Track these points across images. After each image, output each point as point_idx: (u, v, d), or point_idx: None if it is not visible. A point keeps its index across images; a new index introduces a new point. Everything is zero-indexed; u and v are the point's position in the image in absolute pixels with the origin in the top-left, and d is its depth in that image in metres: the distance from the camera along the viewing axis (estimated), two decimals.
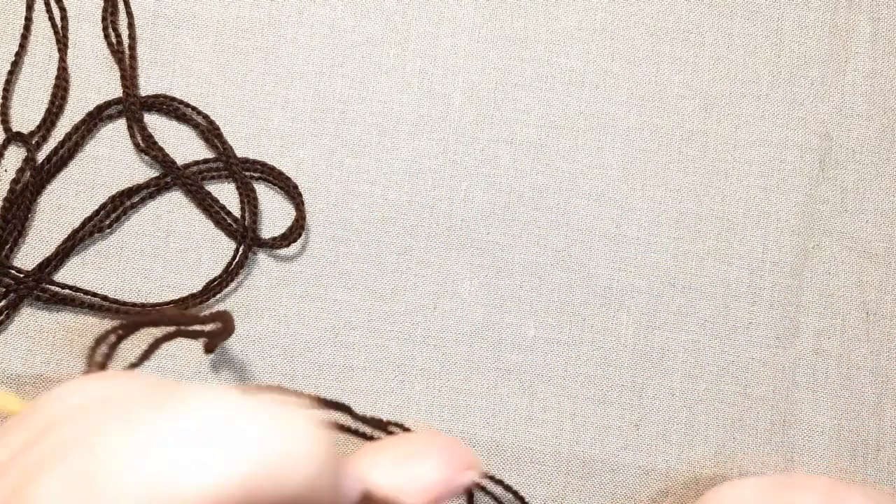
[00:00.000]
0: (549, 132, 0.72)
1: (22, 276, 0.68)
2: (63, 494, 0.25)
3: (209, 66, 0.72)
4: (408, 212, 0.71)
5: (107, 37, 0.72)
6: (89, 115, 0.70)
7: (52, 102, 0.71)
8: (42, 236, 0.70)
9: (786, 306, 0.71)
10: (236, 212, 0.71)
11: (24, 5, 0.71)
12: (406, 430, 0.39)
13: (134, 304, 0.69)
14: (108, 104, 0.71)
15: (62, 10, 0.72)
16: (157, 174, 0.71)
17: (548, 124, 0.72)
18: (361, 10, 0.73)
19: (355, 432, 0.46)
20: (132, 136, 0.71)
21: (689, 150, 0.72)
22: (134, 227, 0.71)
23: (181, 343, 0.47)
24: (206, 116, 0.71)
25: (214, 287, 0.69)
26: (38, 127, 0.70)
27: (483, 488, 0.35)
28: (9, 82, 0.71)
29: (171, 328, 0.40)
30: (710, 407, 0.70)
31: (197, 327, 0.40)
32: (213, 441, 0.23)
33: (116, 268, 0.70)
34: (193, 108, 0.71)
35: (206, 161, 0.71)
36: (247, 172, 0.71)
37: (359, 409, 0.48)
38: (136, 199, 0.70)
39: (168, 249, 0.70)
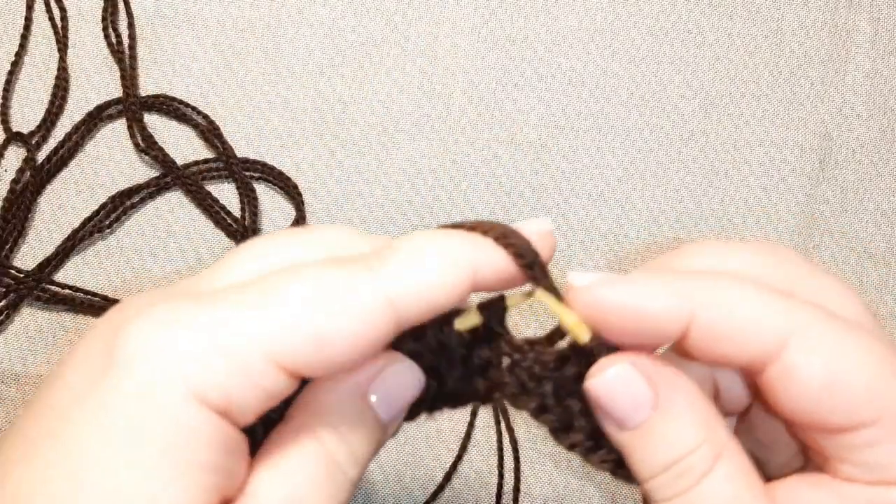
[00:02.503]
0: (549, 132, 0.72)
1: (22, 276, 0.68)
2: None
3: (209, 66, 0.72)
4: (408, 212, 0.71)
5: (107, 37, 0.72)
6: (89, 115, 0.70)
7: (52, 102, 0.71)
8: (42, 236, 0.70)
9: None
10: (236, 212, 0.71)
11: (24, 5, 0.71)
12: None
13: None
14: (108, 104, 0.71)
15: (62, 10, 0.72)
16: (157, 174, 0.71)
17: (548, 124, 0.72)
18: (361, 10, 0.73)
19: None
20: (132, 136, 0.71)
21: (689, 150, 0.72)
22: (134, 227, 0.71)
23: None
24: (206, 116, 0.71)
25: None
26: (38, 127, 0.70)
27: None
28: (9, 82, 0.71)
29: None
30: None
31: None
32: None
33: (116, 268, 0.70)
34: (193, 108, 0.71)
35: (206, 161, 0.71)
36: (247, 172, 0.71)
37: None
38: (136, 199, 0.70)
39: (168, 249, 0.70)
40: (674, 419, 0.32)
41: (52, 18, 0.71)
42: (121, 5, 0.72)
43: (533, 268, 0.33)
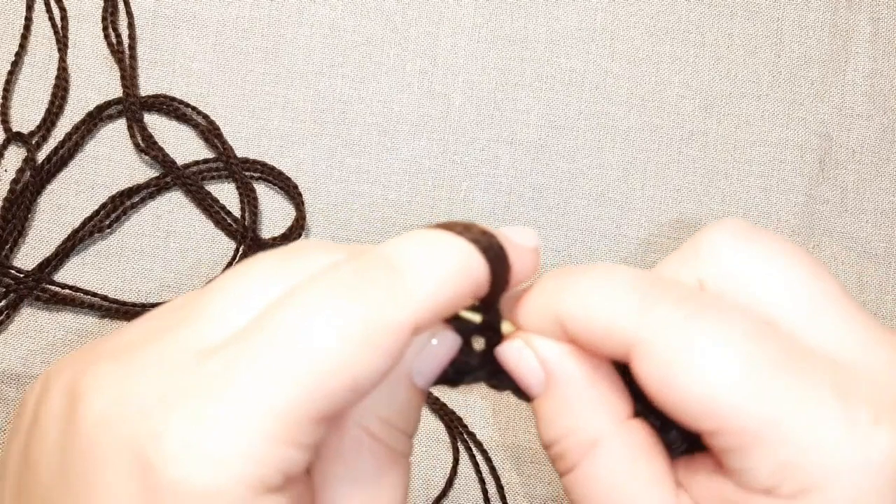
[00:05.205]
0: (549, 132, 0.72)
1: (22, 276, 0.68)
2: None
3: (209, 66, 0.72)
4: (408, 212, 0.71)
5: (107, 37, 0.72)
6: (89, 115, 0.70)
7: (52, 102, 0.71)
8: (42, 236, 0.70)
9: None
10: (236, 212, 0.71)
11: (24, 5, 0.71)
12: None
13: (134, 305, 0.69)
14: (108, 104, 0.71)
15: (62, 10, 0.72)
16: (157, 174, 0.71)
17: (548, 124, 0.72)
18: (361, 10, 0.73)
19: None
20: (132, 136, 0.71)
21: (689, 150, 0.72)
22: (134, 227, 0.71)
23: None
24: (206, 116, 0.71)
25: None
26: (38, 127, 0.70)
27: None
28: (9, 82, 0.71)
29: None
30: None
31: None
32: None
33: (116, 268, 0.70)
34: (193, 108, 0.71)
35: (206, 161, 0.71)
36: (247, 172, 0.71)
37: None
38: (136, 199, 0.70)
39: (168, 249, 0.70)
40: (553, 403, 0.33)
41: (52, 18, 0.71)
42: (121, 5, 0.72)
43: (498, 288, 0.33)
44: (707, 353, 0.29)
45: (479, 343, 0.36)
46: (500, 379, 0.36)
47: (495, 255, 0.32)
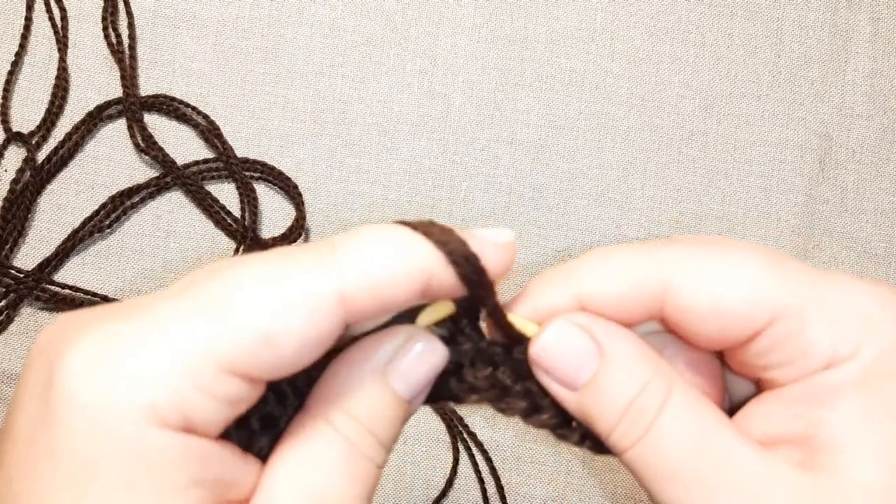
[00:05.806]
0: (549, 132, 0.72)
1: (22, 276, 0.68)
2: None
3: (209, 66, 0.72)
4: (408, 212, 0.71)
5: (107, 37, 0.72)
6: (89, 115, 0.70)
7: (52, 102, 0.71)
8: (42, 236, 0.70)
9: None
10: (236, 212, 0.71)
11: (24, 5, 0.71)
12: None
13: None
14: (108, 104, 0.71)
15: (62, 10, 0.72)
16: (157, 174, 0.71)
17: (548, 124, 0.72)
18: (361, 10, 0.73)
19: None
20: (132, 136, 0.71)
21: (689, 150, 0.72)
22: (134, 227, 0.71)
23: None
24: (206, 116, 0.71)
25: None
26: (38, 127, 0.70)
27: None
28: (9, 82, 0.71)
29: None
30: None
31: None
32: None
33: (116, 268, 0.70)
34: (193, 108, 0.71)
35: (206, 161, 0.71)
36: (247, 172, 0.71)
37: None
38: (136, 199, 0.70)
39: (168, 249, 0.70)
40: (620, 362, 0.33)
41: (52, 18, 0.71)
42: (121, 5, 0.72)
43: (476, 287, 0.32)
44: (743, 261, 0.32)
45: (483, 369, 0.35)
46: (508, 402, 0.35)
47: (457, 251, 0.31)
